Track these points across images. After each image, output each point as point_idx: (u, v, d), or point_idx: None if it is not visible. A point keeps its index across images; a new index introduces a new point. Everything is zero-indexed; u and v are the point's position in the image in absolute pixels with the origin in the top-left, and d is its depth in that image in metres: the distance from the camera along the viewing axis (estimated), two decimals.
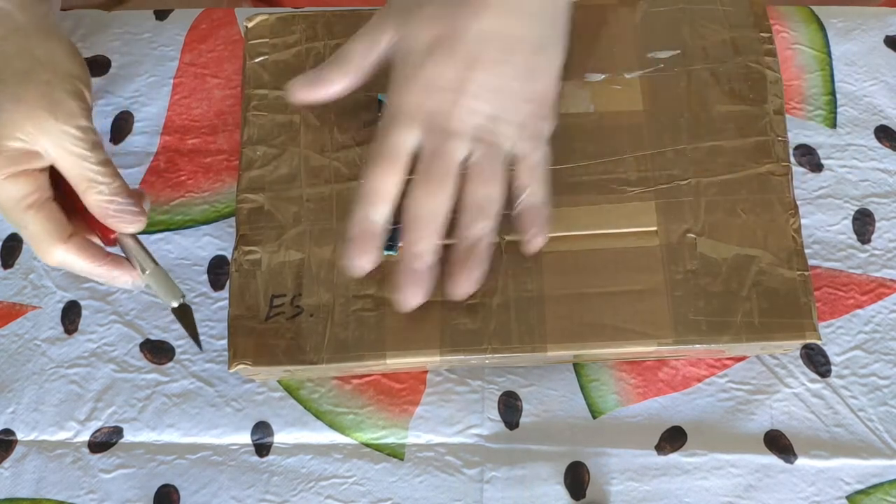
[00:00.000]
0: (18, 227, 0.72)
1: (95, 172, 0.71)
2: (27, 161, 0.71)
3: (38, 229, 0.71)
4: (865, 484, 0.73)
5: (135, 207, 0.72)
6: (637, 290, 0.73)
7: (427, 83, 0.71)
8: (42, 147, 0.71)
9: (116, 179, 0.72)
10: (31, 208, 0.71)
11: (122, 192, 0.72)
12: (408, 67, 0.72)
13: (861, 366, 0.76)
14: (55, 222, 0.71)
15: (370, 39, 0.74)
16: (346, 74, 0.74)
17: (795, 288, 0.73)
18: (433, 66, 0.71)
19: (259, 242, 0.76)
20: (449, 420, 0.76)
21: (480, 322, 0.73)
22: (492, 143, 0.71)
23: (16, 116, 0.70)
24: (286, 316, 0.74)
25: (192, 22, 0.88)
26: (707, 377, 0.76)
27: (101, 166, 0.71)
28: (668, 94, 0.78)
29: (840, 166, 0.81)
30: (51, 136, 0.70)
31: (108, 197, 0.71)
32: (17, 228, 0.73)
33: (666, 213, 0.75)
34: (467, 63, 0.70)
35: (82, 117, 0.72)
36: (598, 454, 0.74)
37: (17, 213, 0.71)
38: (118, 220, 0.72)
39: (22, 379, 0.78)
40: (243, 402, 0.77)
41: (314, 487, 0.75)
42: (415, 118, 0.71)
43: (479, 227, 0.71)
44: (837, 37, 0.85)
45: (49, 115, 0.70)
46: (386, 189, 0.70)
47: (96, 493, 0.75)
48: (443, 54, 0.71)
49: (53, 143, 0.71)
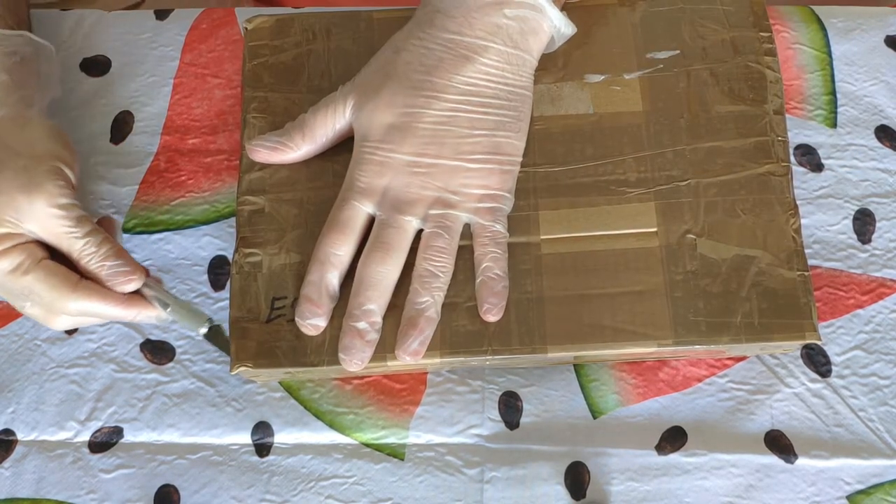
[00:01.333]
0: (24, 299, 0.73)
1: (83, 245, 0.72)
2: (12, 239, 0.72)
3: (44, 287, 0.72)
4: (866, 484, 0.73)
5: (126, 268, 0.73)
6: (637, 290, 0.73)
7: (382, 161, 0.75)
8: (27, 229, 0.72)
9: (103, 246, 0.72)
10: (28, 272, 0.72)
11: (111, 257, 0.73)
12: (365, 146, 0.75)
13: (861, 366, 0.76)
14: (59, 274, 0.72)
15: (332, 112, 0.77)
16: (306, 143, 0.77)
17: (795, 288, 0.73)
18: (388, 148, 0.75)
19: (260, 245, 0.76)
20: (449, 420, 0.76)
21: (480, 323, 0.73)
22: (447, 216, 0.74)
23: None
24: (287, 318, 0.74)
25: (193, 22, 0.88)
26: (707, 377, 0.76)
27: (87, 237, 0.72)
28: (668, 95, 0.78)
29: (840, 166, 0.81)
30: (33, 218, 0.72)
31: (98, 263, 0.72)
32: (23, 303, 0.73)
33: (666, 213, 0.75)
34: (422, 146, 0.74)
35: (62, 196, 0.72)
36: (599, 454, 0.74)
37: (16, 283, 0.72)
38: (113, 283, 0.73)
39: (22, 379, 0.78)
40: (243, 402, 0.77)
41: (314, 487, 0.75)
42: (370, 193, 0.75)
43: (424, 297, 0.73)
44: (838, 37, 0.85)
45: (28, 199, 0.71)
46: (336, 256, 0.74)
47: (96, 493, 0.75)
48: (398, 137, 0.75)
49: (36, 225, 0.72)
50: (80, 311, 0.73)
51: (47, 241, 0.73)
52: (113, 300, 0.73)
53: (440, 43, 0.75)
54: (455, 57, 0.75)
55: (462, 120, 0.75)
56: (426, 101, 0.75)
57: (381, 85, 0.76)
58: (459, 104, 0.75)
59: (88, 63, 0.87)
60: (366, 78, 0.77)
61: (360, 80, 0.77)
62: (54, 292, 0.72)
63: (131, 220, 0.82)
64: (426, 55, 0.75)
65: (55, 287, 0.72)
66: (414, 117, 0.75)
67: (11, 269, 0.71)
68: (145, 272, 0.74)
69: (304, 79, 0.81)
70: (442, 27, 0.76)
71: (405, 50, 0.76)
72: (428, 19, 0.76)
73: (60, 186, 0.72)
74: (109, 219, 0.76)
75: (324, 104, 0.77)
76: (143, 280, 0.73)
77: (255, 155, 0.78)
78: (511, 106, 0.76)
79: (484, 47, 0.75)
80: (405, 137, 0.75)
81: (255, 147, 0.78)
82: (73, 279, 0.72)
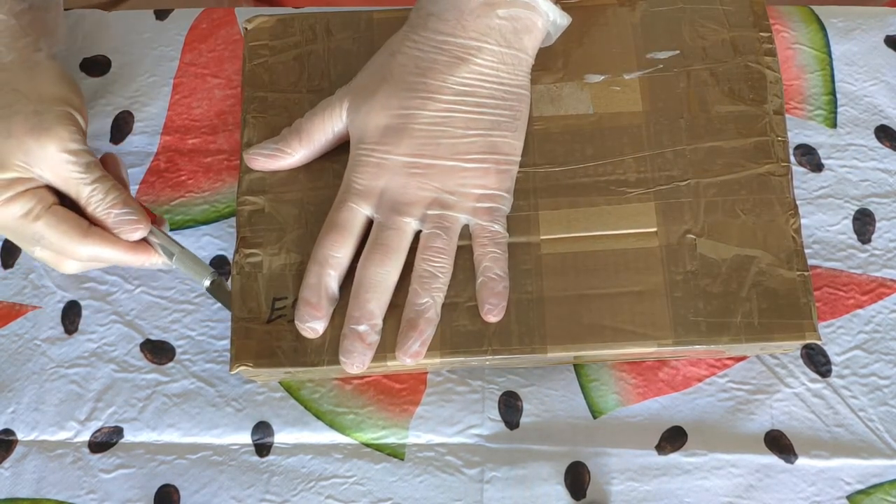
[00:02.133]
0: (34, 244, 0.74)
1: (91, 191, 0.74)
2: (23, 184, 0.73)
3: (54, 233, 0.73)
4: (866, 484, 0.73)
5: (133, 216, 0.74)
6: (637, 291, 0.73)
7: (379, 163, 0.75)
8: (36, 174, 0.73)
9: (111, 193, 0.74)
10: (39, 218, 0.73)
11: (118, 205, 0.74)
12: (362, 148, 0.76)
13: (861, 366, 0.76)
14: (69, 220, 0.74)
15: (329, 116, 0.77)
16: (304, 147, 0.78)
17: (795, 288, 0.73)
18: (385, 150, 0.75)
19: (260, 245, 0.76)
20: (449, 420, 0.76)
21: (480, 323, 0.73)
22: (445, 217, 0.74)
23: (6, 149, 0.73)
24: (287, 318, 0.74)
25: (193, 22, 0.88)
26: (707, 377, 0.76)
27: (95, 184, 0.74)
28: (668, 95, 0.78)
29: (840, 166, 0.81)
30: (43, 163, 0.73)
31: (105, 211, 0.74)
32: (32, 247, 0.75)
33: (665, 214, 0.75)
34: (418, 147, 0.75)
35: (72, 141, 0.74)
36: (599, 454, 0.74)
37: (27, 228, 0.73)
38: (119, 230, 0.74)
39: (22, 379, 0.78)
40: (244, 402, 0.77)
41: (314, 487, 0.75)
42: (367, 195, 0.75)
43: (424, 298, 0.73)
44: (837, 37, 0.85)
45: (38, 144, 0.73)
46: (335, 258, 0.74)
47: (96, 493, 0.75)
48: (394, 138, 0.75)
49: (46, 169, 0.73)
50: (90, 257, 0.75)
51: (56, 187, 0.74)
52: (121, 247, 0.75)
53: (434, 45, 0.76)
54: (449, 58, 0.75)
55: (457, 120, 0.75)
56: (421, 102, 0.75)
57: (376, 88, 0.76)
58: (454, 104, 0.75)
59: (88, 63, 0.87)
60: (361, 81, 0.77)
61: (355, 83, 0.78)
62: (64, 238, 0.73)
63: None
64: (420, 57, 0.76)
65: (65, 233, 0.73)
66: (409, 118, 0.75)
67: (22, 214, 0.73)
68: (151, 220, 0.75)
69: (303, 79, 0.81)
70: (435, 30, 0.76)
71: (400, 53, 0.76)
72: (421, 22, 0.76)
73: (71, 132, 0.74)
74: (113, 156, 0.78)
75: (320, 108, 0.78)
76: (148, 229, 0.75)
77: (252, 163, 0.78)
78: (507, 105, 0.76)
79: (477, 48, 0.75)
80: (401, 139, 0.75)
81: (252, 156, 0.78)
82: (83, 225, 0.74)
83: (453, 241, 0.75)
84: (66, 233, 0.73)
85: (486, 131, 0.75)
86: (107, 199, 0.74)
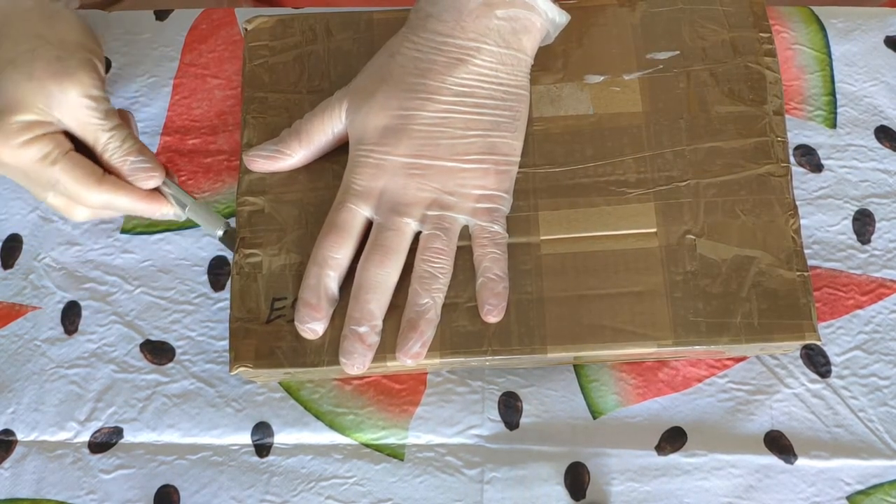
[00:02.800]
0: (48, 189, 0.75)
1: (108, 138, 0.75)
2: (42, 127, 0.74)
3: (70, 178, 0.74)
4: (866, 484, 0.73)
5: (148, 164, 0.76)
6: (636, 291, 0.73)
7: (378, 164, 0.75)
8: (55, 118, 0.74)
9: (127, 141, 0.75)
10: (56, 163, 0.74)
11: (134, 153, 0.76)
12: (361, 149, 0.76)
13: (861, 366, 0.76)
14: (85, 166, 0.75)
15: (328, 117, 0.77)
16: (303, 148, 0.78)
17: (795, 289, 0.73)
18: (384, 150, 0.75)
19: (260, 245, 0.76)
20: (449, 420, 0.76)
21: (480, 324, 0.73)
22: (444, 217, 0.74)
23: (28, 91, 0.73)
24: (287, 319, 0.74)
25: (193, 22, 0.88)
26: (707, 377, 0.76)
27: (113, 131, 0.75)
28: (668, 96, 0.78)
29: (840, 167, 0.81)
30: (63, 107, 0.74)
31: (121, 158, 0.75)
32: (46, 193, 0.75)
33: (665, 214, 0.75)
34: (417, 147, 0.75)
35: (94, 87, 0.75)
36: (599, 454, 0.74)
37: (43, 172, 0.74)
38: (134, 178, 0.75)
39: (22, 379, 0.78)
40: (243, 402, 0.77)
41: (314, 488, 0.75)
42: (366, 196, 0.75)
43: (424, 298, 0.73)
44: (837, 37, 0.85)
45: (60, 88, 0.74)
46: (335, 259, 0.74)
47: (96, 494, 0.75)
48: (392, 139, 0.75)
49: (66, 114, 0.74)
50: (103, 205, 0.76)
51: (74, 132, 0.75)
52: (135, 195, 0.76)
53: (433, 46, 0.76)
54: (448, 59, 0.75)
55: (456, 121, 0.75)
56: (420, 102, 0.75)
57: (375, 89, 0.76)
58: (453, 105, 0.75)
59: None
60: (361, 83, 0.77)
61: (355, 84, 0.78)
62: (80, 184, 0.74)
63: (131, 220, 0.82)
64: (419, 58, 0.76)
65: (80, 179, 0.74)
66: (408, 119, 0.75)
67: (40, 157, 0.74)
68: (166, 171, 0.76)
69: (303, 79, 0.81)
70: (434, 31, 0.76)
71: (399, 54, 0.76)
72: (420, 24, 0.77)
73: (93, 78, 0.75)
74: (127, 112, 0.79)
75: (319, 109, 0.78)
76: (163, 178, 0.76)
77: (252, 165, 0.78)
78: (506, 106, 0.76)
79: (476, 49, 0.75)
80: (400, 139, 0.75)
81: (252, 157, 0.78)
82: (98, 172, 0.75)
83: (453, 241, 0.75)
84: (82, 179, 0.74)
85: (486, 132, 0.75)
86: (123, 146, 0.75)
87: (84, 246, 0.82)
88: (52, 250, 0.81)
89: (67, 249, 0.81)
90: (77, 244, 0.82)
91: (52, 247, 0.82)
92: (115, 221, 0.82)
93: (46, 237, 0.82)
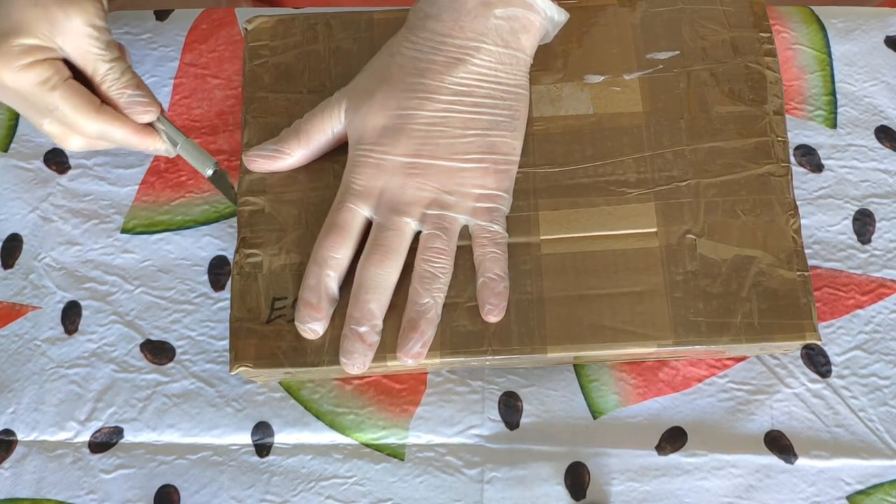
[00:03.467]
0: (45, 115, 0.75)
1: (107, 69, 0.75)
2: (43, 52, 0.74)
3: (68, 105, 0.75)
4: (866, 484, 0.73)
5: (144, 98, 0.76)
6: (637, 291, 0.73)
7: (377, 164, 0.75)
8: (56, 45, 0.75)
9: (126, 74, 0.76)
10: (55, 88, 0.74)
11: (132, 86, 0.76)
12: (360, 149, 0.76)
13: (861, 366, 0.76)
14: (83, 95, 0.75)
15: (328, 117, 0.77)
16: (302, 148, 0.78)
17: (795, 288, 0.73)
18: (383, 150, 0.75)
19: (260, 245, 0.76)
20: (449, 420, 0.76)
21: (480, 324, 0.73)
22: (444, 217, 0.74)
23: (33, 16, 0.74)
24: (287, 318, 0.74)
25: (193, 22, 0.88)
26: (707, 377, 0.76)
27: (112, 62, 0.76)
28: (668, 96, 0.78)
29: (840, 167, 0.81)
30: (66, 34, 0.74)
31: (119, 90, 0.76)
32: (42, 119, 0.76)
33: (665, 214, 0.75)
34: (416, 147, 0.75)
35: (97, 17, 0.75)
36: (599, 454, 0.74)
37: (42, 97, 0.74)
38: (130, 111, 0.76)
39: (22, 379, 0.78)
40: (244, 402, 0.77)
41: (314, 488, 0.75)
42: (366, 196, 0.75)
43: (425, 298, 0.73)
44: (837, 37, 0.85)
45: (64, 15, 0.74)
46: (335, 259, 0.74)
47: (96, 494, 0.75)
48: (391, 139, 0.75)
49: (67, 41, 0.75)
50: (98, 135, 0.76)
51: (74, 61, 0.75)
52: (129, 128, 0.76)
53: (431, 46, 0.76)
54: (446, 59, 0.75)
55: (455, 120, 0.75)
56: (419, 102, 0.75)
57: (374, 88, 0.76)
58: (452, 105, 0.75)
59: None
60: (360, 82, 0.78)
61: (354, 84, 0.78)
62: (77, 112, 0.75)
63: (131, 220, 0.82)
64: (418, 58, 0.76)
65: (79, 107, 0.75)
66: (407, 119, 0.75)
67: (40, 81, 0.74)
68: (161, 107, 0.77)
69: (304, 79, 0.81)
70: (433, 30, 0.76)
71: (398, 54, 0.77)
72: (419, 24, 0.77)
73: (97, 8, 0.75)
74: (123, 46, 0.79)
75: (319, 109, 0.78)
76: (157, 113, 0.77)
77: (251, 165, 0.78)
78: (505, 105, 0.76)
79: (475, 48, 0.75)
80: (399, 139, 0.75)
81: (251, 157, 0.78)
82: (96, 102, 0.75)
83: (453, 241, 0.75)
84: (80, 106, 0.75)
85: (485, 131, 0.75)
86: (122, 79, 0.76)
87: (84, 246, 0.82)
88: (52, 250, 0.81)
89: (67, 249, 0.81)
90: (77, 244, 0.82)
91: (52, 247, 0.82)
92: (115, 221, 0.82)
93: (46, 237, 0.82)
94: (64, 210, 0.82)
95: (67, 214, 0.82)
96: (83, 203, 0.83)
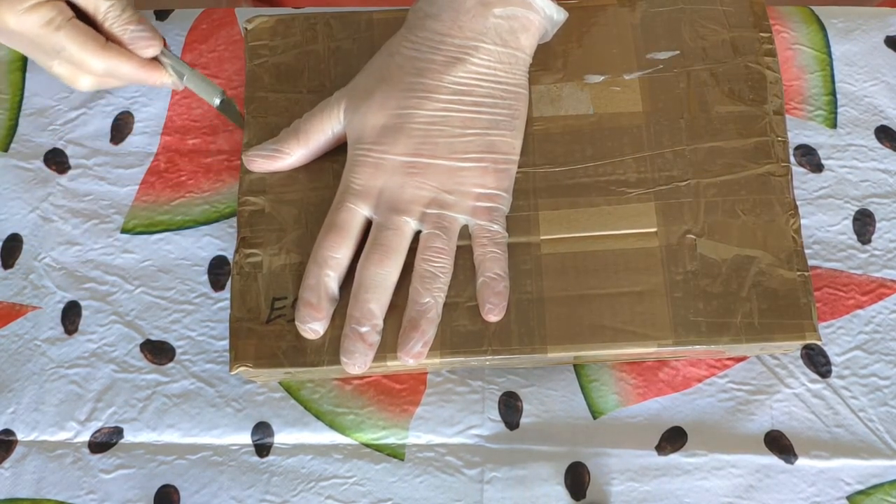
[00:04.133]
0: (53, 57, 0.76)
1: (108, 7, 0.76)
2: None
3: (75, 44, 0.75)
4: (866, 484, 0.73)
5: (147, 33, 0.77)
6: (637, 291, 0.73)
7: (377, 163, 0.75)
8: None
9: (127, 11, 0.77)
10: (60, 28, 0.75)
11: (134, 22, 0.77)
12: (359, 148, 0.76)
13: (861, 366, 0.76)
14: (88, 33, 0.75)
15: (327, 117, 0.77)
16: (301, 147, 0.78)
17: (795, 288, 0.73)
18: (382, 149, 0.75)
19: (260, 245, 0.76)
20: (449, 420, 0.76)
21: (480, 323, 0.73)
22: (444, 217, 0.74)
23: None
24: (287, 318, 0.74)
25: (193, 22, 0.88)
26: (707, 377, 0.76)
27: (112, 1, 0.76)
28: (668, 95, 0.78)
29: (840, 167, 0.81)
30: None
31: (122, 27, 0.76)
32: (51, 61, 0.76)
33: (665, 214, 0.75)
34: (415, 146, 0.75)
35: None
36: (599, 454, 0.74)
37: (48, 38, 0.75)
38: (134, 47, 0.76)
39: (22, 379, 0.78)
40: (244, 402, 0.77)
41: (314, 488, 0.75)
42: (365, 195, 0.75)
43: (425, 298, 0.73)
44: (837, 37, 0.85)
45: None
46: (334, 259, 0.74)
47: (96, 494, 0.75)
48: (391, 138, 0.75)
49: None
50: (107, 72, 0.76)
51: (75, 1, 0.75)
52: (135, 63, 0.77)
53: (431, 45, 0.76)
54: (446, 58, 0.75)
55: (454, 120, 0.75)
56: (418, 101, 0.75)
57: (373, 88, 0.76)
58: (451, 104, 0.75)
59: None
60: (359, 82, 0.78)
61: (353, 84, 0.78)
62: (84, 50, 0.75)
63: (131, 220, 0.82)
64: (417, 58, 0.76)
65: (85, 45, 0.75)
66: (406, 118, 0.75)
67: (44, 22, 0.74)
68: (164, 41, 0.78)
69: (304, 79, 0.81)
70: (432, 30, 0.76)
71: (397, 54, 0.77)
72: (418, 23, 0.77)
73: None
74: None
75: (318, 109, 0.78)
76: (161, 47, 0.77)
77: (251, 165, 0.78)
78: (505, 104, 0.76)
79: (474, 48, 0.75)
80: (398, 138, 0.75)
81: (251, 157, 0.78)
82: (101, 40, 0.76)
83: (453, 240, 0.75)
84: (86, 45, 0.75)
85: (484, 130, 0.75)
86: (123, 15, 0.76)
87: (84, 246, 0.82)
88: (52, 250, 0.81)
89: (67, 249, 0.81)
90: (77, 244, 0.82)
91: (52, 247, 0.82)
92: (115, 221, 0.82)
93: (46, 237, 0.82)
94: (64, 210, 0.82)
95: (67, 214, 0.82)
96: (83, 203, 0.83)
